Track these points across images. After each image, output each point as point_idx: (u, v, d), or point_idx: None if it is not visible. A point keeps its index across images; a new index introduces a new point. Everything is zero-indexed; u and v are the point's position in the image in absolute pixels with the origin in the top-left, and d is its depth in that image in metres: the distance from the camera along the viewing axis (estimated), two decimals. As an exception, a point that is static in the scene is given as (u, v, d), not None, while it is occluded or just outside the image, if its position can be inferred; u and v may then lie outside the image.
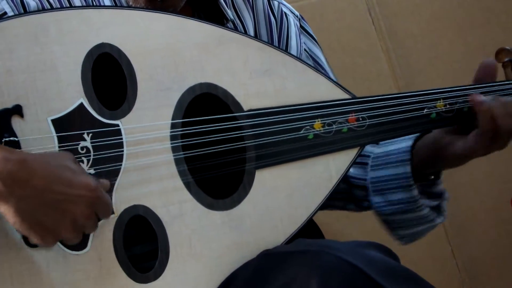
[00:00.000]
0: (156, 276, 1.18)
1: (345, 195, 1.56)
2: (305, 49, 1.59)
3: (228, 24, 1.48)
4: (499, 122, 1.35)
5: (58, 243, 1.12)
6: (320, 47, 1.63)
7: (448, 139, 1.41)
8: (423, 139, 1.46)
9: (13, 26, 1.15)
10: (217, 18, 1.48)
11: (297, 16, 1.63)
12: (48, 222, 1.05)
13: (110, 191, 1.15)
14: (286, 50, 1.52)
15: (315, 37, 1.63)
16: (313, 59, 1.59)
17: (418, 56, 2.50)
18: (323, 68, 1.59)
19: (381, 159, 1.49)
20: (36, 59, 1.15)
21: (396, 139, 1.46)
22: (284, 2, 1.62)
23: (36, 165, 1.03)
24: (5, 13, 1.32)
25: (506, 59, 1.47)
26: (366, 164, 1.51)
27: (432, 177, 1.48)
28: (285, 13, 1.59)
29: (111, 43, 1.20)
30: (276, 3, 1.58)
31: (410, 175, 1.43)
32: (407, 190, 1.44)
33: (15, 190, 1.01)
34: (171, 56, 1.24)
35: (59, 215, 1.05)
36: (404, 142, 1.46)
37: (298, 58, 1.37)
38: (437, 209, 1.51)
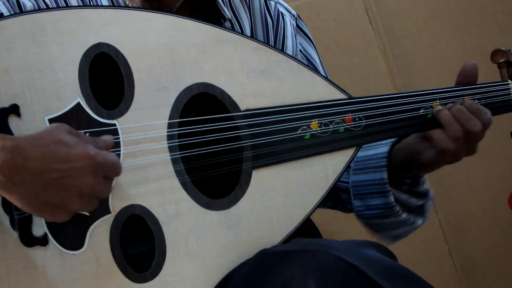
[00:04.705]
0: (152, 276, 1.18)
1: (333, 195, 1.56)
2: (300, 50, 1.59)
3: (225, 24, 1.48)
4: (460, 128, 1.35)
5: (55, 242, 1.12)
6: (315, 48, 1.63)
7: (420, 147, 1.41)
8: (401, 143, 1.45)
9: (10, 26, 1.15)
10: (214, 17, 1.48)
11: (293, 16, 1.62)
12: (55, 200, 1.05)
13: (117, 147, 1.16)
14: (282, 50, 1.52)
15: (311, 37, 1.63)
16: (308, 59, 1.59)
17: (415, 56, 2.50)
18: (316, 69, 1.58)
19: (361, 163, 1.49)
20: (33, 59, 1.15)
21: (376, 143, 1.45)
22: (281, 2, 1.61)
23: (29, 148, 1.03)
24: (1, 14, 1.32)
25: (501, 60, 1.47)
26: (350, 167, 1.51)
27: (409, 181, 1.48)
28: (282, 13, 1.58)
29: (109, 42, 1.20)
30: (272, 3, 1.58)
31: (386, 182, 1.43)
32: (384, 196, 1.45)
33: (14, 178, 1.01)
34: (169, 56, 1.24)
35: (64, 191, 1.05)
36: (382, 148, 1.46)
37: (294, 58, 1.37)
38: (421, 210, 1.51)
